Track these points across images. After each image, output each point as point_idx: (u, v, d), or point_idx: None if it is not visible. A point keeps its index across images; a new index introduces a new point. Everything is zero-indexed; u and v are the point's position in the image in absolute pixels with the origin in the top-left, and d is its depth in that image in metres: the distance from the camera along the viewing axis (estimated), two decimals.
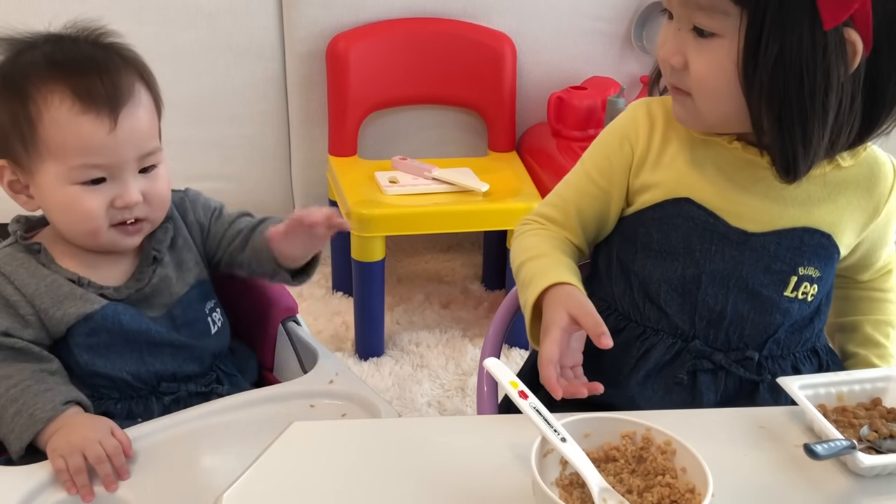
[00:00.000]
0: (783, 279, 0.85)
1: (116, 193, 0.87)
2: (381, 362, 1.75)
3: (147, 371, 0.92)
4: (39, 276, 0.89)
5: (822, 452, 0.66)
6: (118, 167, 0.86)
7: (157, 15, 1.81)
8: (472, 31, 1.88)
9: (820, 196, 0.85)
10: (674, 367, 0.86)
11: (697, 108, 0.82)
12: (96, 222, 0.87)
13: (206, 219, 1.00)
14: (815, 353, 0.90)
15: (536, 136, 1.94)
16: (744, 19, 0.75)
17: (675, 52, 0.81)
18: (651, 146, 0.89)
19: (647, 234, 0.88)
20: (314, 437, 0.72)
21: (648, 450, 0.66)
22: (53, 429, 0.82)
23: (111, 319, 0.90)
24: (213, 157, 1.97)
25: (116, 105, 0.85)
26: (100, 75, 0.85)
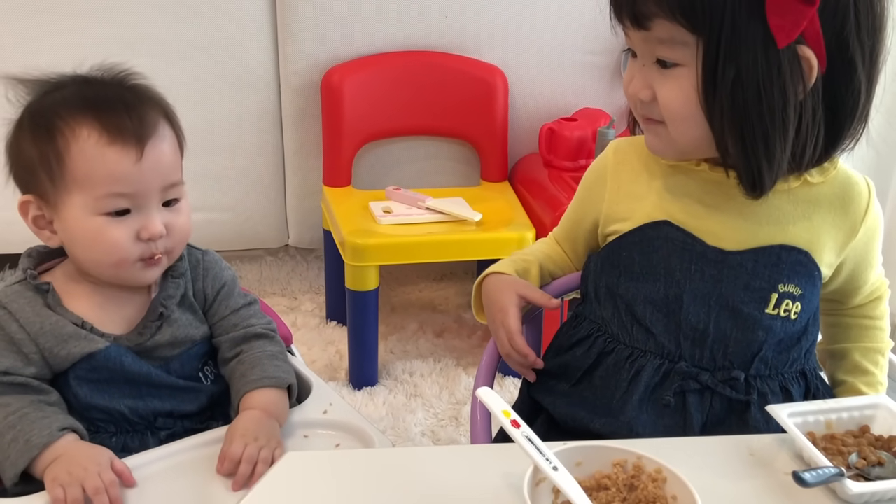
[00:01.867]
0: (763, 296, 0.87)
1: (141, 224, 0.88)
2: (375, 392, 1.75)
3: (145, 407, 0.93)
4: (44, 315, 0.90)
5: (810, 480, 0.67)
6: (143, 197, 0.88)
7: (153, 48, 1.84)
8: (464, 64, 1.91)
9: (794, 214, 0.88)
10: (662, 390, 0.87)
11: (670, 136, 0.85)
12: (122, 253, 0.88)
13: (212, 292, 0.99)
14: (804, 376, 0.90)
15: (528, 167, 1.97)
16: (700, 46, 0.79)
17: (642, 87, 0.84)
18: (620, 181, 0.95)
19: (629, 257, 0.91)
20: (308, 468, 0.73)
21: (639, 478, 0.66)
22: (51, 456, 0.82)
23: (114, 360, 0.91)
24: (208, 187, 1.99)
25: (142, 137, 0.87)
26: (127, 111, 0.88)
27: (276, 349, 0.99)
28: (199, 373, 0.98)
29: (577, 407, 0.89)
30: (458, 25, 1.90)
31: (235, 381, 0.96)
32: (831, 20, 0.78)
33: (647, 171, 0.93)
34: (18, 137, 0.90)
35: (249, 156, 1.99)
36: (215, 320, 1.00)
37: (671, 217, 0.89)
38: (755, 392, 0.87)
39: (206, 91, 1.90)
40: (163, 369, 0.94)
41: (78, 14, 1.79)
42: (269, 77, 1.92)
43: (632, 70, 0.86)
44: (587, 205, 0.99)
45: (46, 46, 1.77)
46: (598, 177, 0.98)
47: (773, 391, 0.87)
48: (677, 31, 0.79)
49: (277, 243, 2.14)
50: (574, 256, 1.03)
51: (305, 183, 2.00)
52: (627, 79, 0.86)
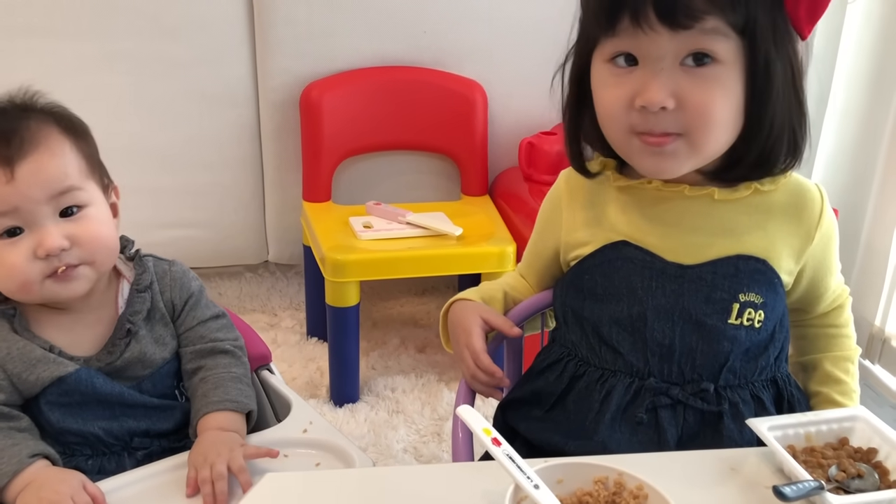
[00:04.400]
0: (725, 307, 0.87)
1: (36, 242, 0.85)
2: (357, 408, 1.74)
3: (120, 428, 0.91)
4: (11, 340, 0.88)
5: (790, 494, 0.67)
6: (29, 212, 0.84)
7: (131, 65, 1.83)
8: (443, 79, 1.92)
9: (748, 224, 0.88)
10: (634, 407, 0.87)
11: (693, 146, 0.82)
12: (24, 276, 0.85)
13: (180, 302, 0.98)
14: (774, 383, 0.91)
15: (508, 181, 1.97)
16: (745, 42, 0.79)
17: (666, 95, 0.79)
18: (575, 210, 0.95)
19: (591, 280, 0.91)
20: (287, 489, 0.72)
21: (621, 494, 0.66)
22: (21, 483, 0.81)
23: (85, 382, 0.89)
24: (187, 204, 1.98)
25: (10, 158, 0.84)
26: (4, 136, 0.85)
27: (240, 371, 0.98)
28: (174, 390, 0.97)
29: (551, 432, 0.89)
30: (436, 40, 1.91)
31: (197, 400, 0.95)
32: None
33: (600, 197, 0.93)
34: None
35: (228, 172, 1.98)
36: (181, 331, 0.98)
37: (629, 237, 0.90)
38: (726, 402, 0.87)
39: (185, 107, 1.89)
40: (135, 389, 0.93)
41: (56, 33, 1.78)
42: (248, 93, 1.91)
43: (631, 82, 0.81)
44: (546, 236, 0.99)
45: (25, 66, 1.76)
46: (553, 207, 0.99)
47: (744, 400, 0.88)
48: (721, 25, 0.78)
49: (257, 259, 2.12)
50: (539, 288, 1.03)
51: (285, 198, 1.99)
52: (621, 94, 0.81)
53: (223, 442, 0.88)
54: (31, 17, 1.77)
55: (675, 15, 0.77)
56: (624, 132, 0.84)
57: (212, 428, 0.90)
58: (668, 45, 0.79)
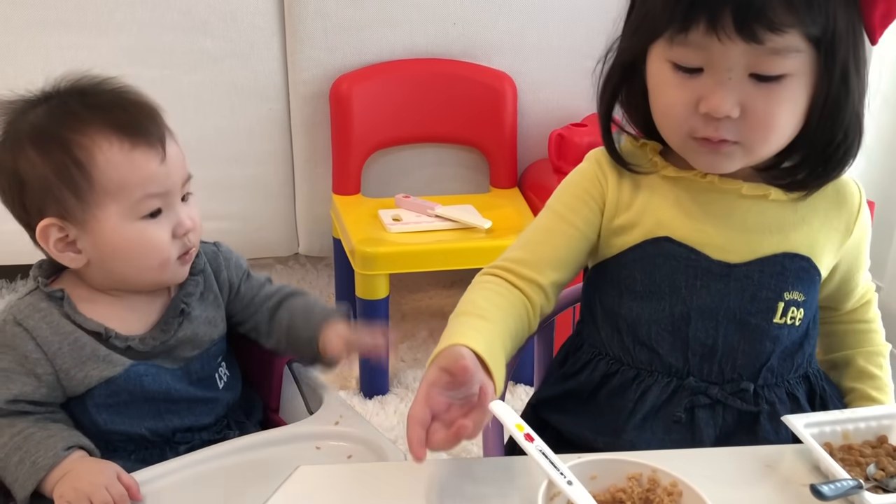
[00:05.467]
0: (770, 306, 0.86)
1: (175, 222, 0.89)
2: (386, 400, 1.74)
3: (165, 426, 0.92)
4: (63, 332, 0.88)
5: (828, 493, 0.66)
6: (171, 195, 0.88)
7: (163, 59, 1.85)
8: (472, 71, 1.91)
9: (794, 220, 0.86)
10: (671, 406, 0.86)
11: (748, 153, 0.81)
12: (165, 253, 0.89)
13: (237, 279, 1.00)
14: (807, 379, 0.89)
15: (538, 173, 1.96)
16: (819, 54, 0.77)
17: (732, 105, 0.77)
18: (621, 189, 0.89)
19: (629, 276, 0.88)
20: (320, 481, 0.72)
21: (655, 491, 0.66)
22: (58, 475, 0.82)
23: (133, 382, 0.90)
24: (218, 197, 1.99)
25: (161, 135, 0.88)
26: (136, 110, 0.88)
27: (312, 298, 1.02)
28: (215, 374, 0.98)
29: (581, 426, 0.88)
30: (466, 32, 1.90)
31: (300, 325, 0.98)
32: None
33: (644, 184, 0.88)
34: (17, 160, 0.86)
35: (259, 165, 1.99)
36: (246, 302, 1.00)
37: (672, 233, 0.86)
38: (763, 402, 0.86)
39: (216, 101, 1.91)
40: (183, 371, 0.94)
41: (88, 27, 1.81)
42: (279, 86, 1.92)
43: (696, 88, 0.78)
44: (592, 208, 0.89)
45: (58, 60, 1.78)
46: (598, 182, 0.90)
47: (780, 399, 0.86)
48: (796, 41, 0.75)
49: (287, 252, 2.14)
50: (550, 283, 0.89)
51: (315, 191, 2.00)
52: (685, 98, 0.79)
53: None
54: (64, 12, 1.79)
55: (754, 27, 0.74)
56: (682, 134, 0.82)
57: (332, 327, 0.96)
58: (741, 58, 0.76)
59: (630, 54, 0.84)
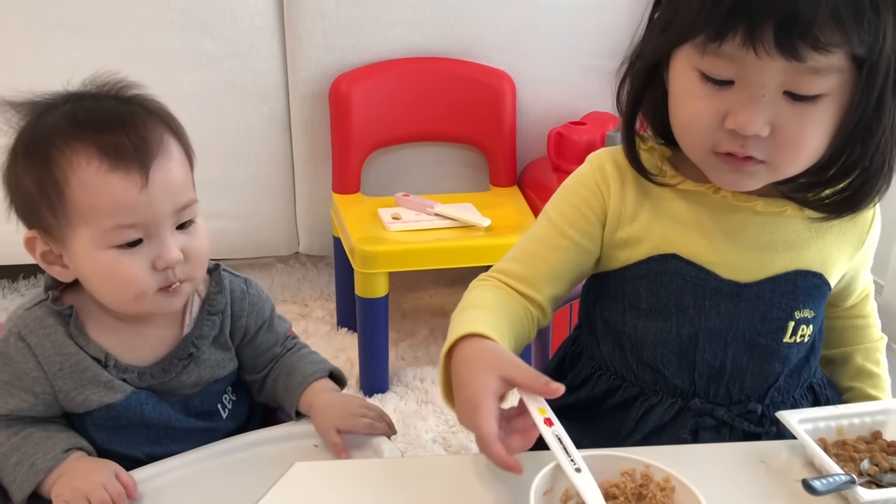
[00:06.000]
0: (781, 326, 0.83)
1: (156, 254, 0.81)
2: (386, 398, 1.75)
3: (163, 451, 0.90)
4: (65, 353, 0.85)
5: (820, 488, 0.66)
6: (154, 225, 0.81)
7: (162, 59, 1.85)
8: (471, 70, 1.91)
9: (808, 236, 0.83)
10: (675, 427, 0.84)
11: (774, 172, 0.76)
12: (140, 287, 0.82)
13: (254, 327, 0.95)
14: (811, 389, 0.89)
15: (537, 171, 1.96)
16: (860, 74, 0.70)
17: (763, 124, 0.72)
18: (625, 200, 0.84)
19: (634, 292, 0.84)
20: (316, 478, 0.73)
21: (648, 487, 0.66)
22: (56, 476, 0.82)
23: (133, 409, 0.87)
24: (219, 196, 2.00)
25: (146, 160, 0.80)
26: (125, 130, 0.80)
27: (303, 351, 0.99)
28: (217, 405, 0.95)
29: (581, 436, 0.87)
30: (465, 31, 1.90)
31: (281, 397, 0.95)
32: None
33: (650, 197, 0.84)
34: (14, 168, 0.83)
35: (259, 164, 1.99)
36: (253, 353, 0.96)
37: (680, 250, 0.82)
38: (769, 422, 0.84)
39: (216, 101, 1.91)
40: (181, 405, 0.91)
41: (88, 28, 1.81)
42: (278, 86, 1.93)
43: (725, 101, 0.73)
44: (589, 219, 0.85)
45: (58, 60, 1.79)
46: (598, 189, 0.86)
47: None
48: (840, 61, 0.69)
49: (288, 251, 2.14)
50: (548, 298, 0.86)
51: (315, 190, 2.01)
52: (712, 110, 0.73)
53: (347, 399, 0.91)
54: (64, 13, 1.79)
55: (797, 44, 0.67)
56: (705, 149, 0.77)
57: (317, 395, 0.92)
58: (777, 75, 0.70)
59: (655, 56, 0.78)
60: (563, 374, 0.93)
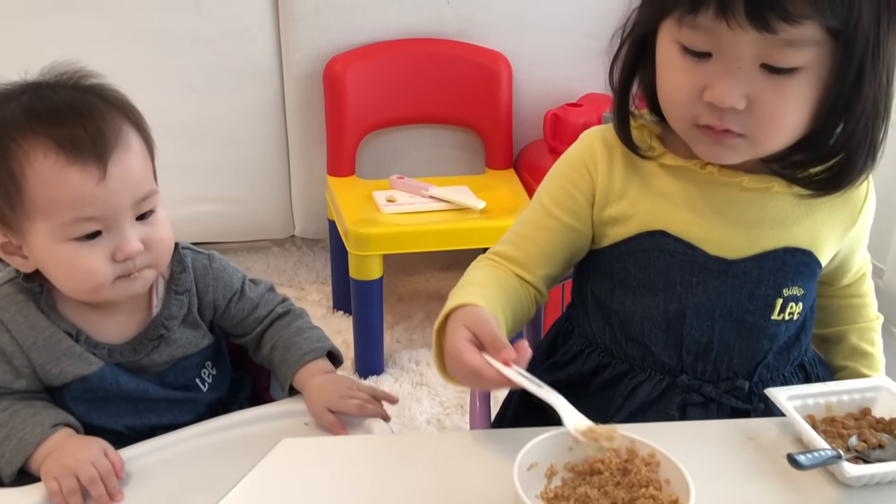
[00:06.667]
0: (769, 303, 0.83)
1: (115, 245, 0.82)
2: (381, 380, 1.75)
3: (142, 424, 0.91)
4: (38, 327, 0.86)
5: (805, 462, 0.66)
6: (113, 218, 0.81)
7: (157, 40, 1.84)
8: (467, 51, 1.90)
9: (797, 214, 0.83)
10: (662, 403, 0.84)
11: (754, 146, 0.77)
12: (98, 278, 0.82)
13: (223, 300, 0.95)
14: (802, 368, 0.89)
15: (533, 154, 1.95)
16: (838, 48, 0.71)
17: (739, 96, 0.72)
18: (613, 177, 0.85)
19: (622, 269, 0.85)
20: (303, 454, 0.73)
21: (633, 462, 0.66)
22: (44, 452, 0.82)
23: (109, 380, 0.88)
24: (213, 179, 1.99)
25: (103, 153, 0.79)
26: (82, 122, 0.80)
27: (301, 323, 0.98)
28: (195, 380, 0.95)
29: None
30: (460, 12, 1.89)
31: (277, 368, 0.96)
32: None
33: (639, 173, 0.84)
34: None
35: (254, 147, 1.99)
36: (233, 323, 0.97)
37: (668, 227, 0.83)
38: (757, 399, 0.84)
39: (210, 83, 1.90)
40: (157, 381, 0.92)
41: (81, 9, 1.80)
42: (273, 67, 1.92)
43: (703, 74, 0.74)
44: (577, 200, 0.86)
45: (51, 42, 1.78)
46: (586, 169, 0.86)
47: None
48: (814, 32, 0.70)
49: (283, 234, 2.14)
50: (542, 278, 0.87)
51: (310, 173, 2.00)
52: (691, 83, 0.74)
53: (340, 381, 0.90)
54: None
55: (767, 16, 0.68)
56: (686, 121, 0.78)
57: (312, 376, 0.91)
58: (751, 48, 0.71)
59: (642, 28, 0.80)
60: (555, 351, 0.93)
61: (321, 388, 0.90)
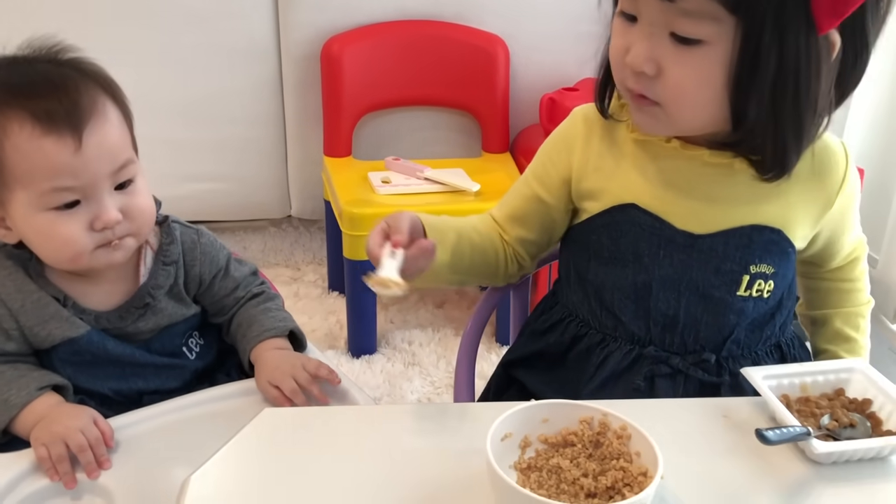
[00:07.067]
0: (735, 279, 0.84)
1: (94, 215, 0.83)
2: (374, 360, 1.77)
3: (129, 388, 0.93)
4: (26, 291, 0.87)
5: (773, 438, 0.67)
6: (91, 187, 0.83)
7: (155, 18, 1.85)
8: (464, 34, 1.91)
9: (766, 192, 0.83)
10: (631, 374, 0.86)
11: (670, 118, 0.79)
12: (77, 247, 0.84)
13: (209, 275, 0.97)
14: (778, 348, 0.90)
15: (530, 138, 1.96)
16: (739, 26, 0.73)
17: (646, 59, 0.76)
18: (589, 153, 0.88)
19: (597, 241, 0.88)
20: (284, 423, 0.74)
21: (605, 435, 0.67)
22: (31, 416, 0.84)
23: (97, 344, 0.90)
24: (210, 158, 2.00)
25: (78, 123, 0.81)
26: (58, 95, 0.81)
27: (270, 304, 1.00)
28: (182, 348, 0.97)
29: (546, 386, 0.89)
30: None
31: (239, 343, 0.97)
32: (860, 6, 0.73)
33: (616, 147, 0.87)
34: None
35: (251, 125, 2.00)
36: (214, 300, 0.98)
37: (638, 200, 0.85)
38: (727, 373, 0.86)
39: (208, 61, 1.91)
40: (143, 348, 0.93)
41: None
42: (270, 47, 1.92)
43: (629, 37, 0.77)
44: (545, 176, 0.91)
45: (50, 18, 1.78)
46: (563, 146, 0.91)
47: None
48: (710, 6, 0.72)
49: (280, 213, 2.15)
50: (516, 238, 0.94)
51: (307, 153, 2.01)
52: (621, 45, 0.78)
53: (286, 357, 0.92)
54: None
55: None
56: (620, 83, 0.82)
57: (265, 351, 0.93)
58: (660, 15, 0.75)
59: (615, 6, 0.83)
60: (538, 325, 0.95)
61: (269, 363, 0.92)
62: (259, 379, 0.92)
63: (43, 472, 0.81)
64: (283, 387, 0.89)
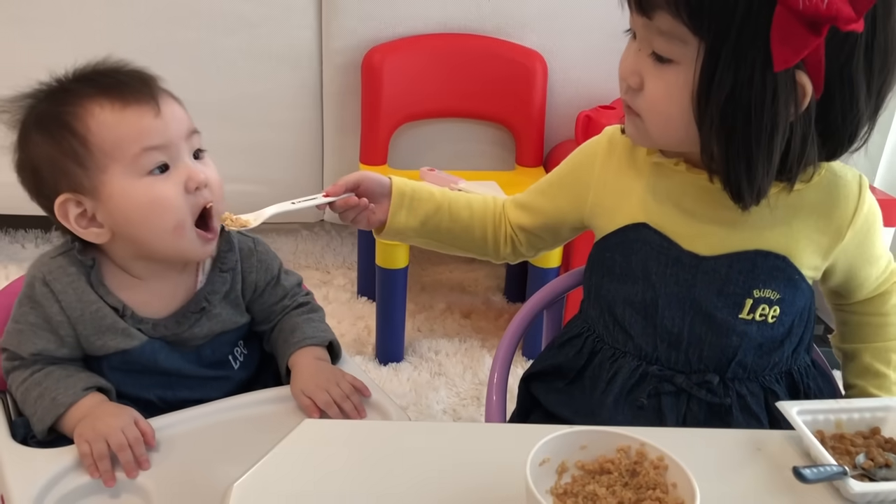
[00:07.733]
0: (737, 301, 0.86)
1: (186, 175, 0.88)
2: (400, 368, 1.78)
3: (174, 397, 0.95)
4: (86, 301, 0.90)
5: (810, 476, 0.68)
6: (174, 147, 0.88)
7: (202, 21, 1.88)
8: (504, 48, 1.92)
9: (771, 219, 0.85)
10: (637, 391, 0.87)
11: (647, 130, 0.83)
12: (179, 212, 0.88)
13: (263, 283, 1.01)
14: (789, 375, 0.89)
15: (564, 153, 1.94)
16: (701, 50, 0.75)
17: (633, 72, 0.81)
18: (608, 170, 0.92)
19: (611, 258, 0.91)
20: (323, 435, 0.75)
21: (642, 464, 0.68)
22: (77, 415, 0.86)
23: (148, 356, 0.93)
24: (248, 160, 2.03)
25: (153, 95, 0.88)
26: (129, 78, 0.89)
27: (312, 315, 1.02)
28: (228, 356, 1.00)
29: (564, 405, 0.91)
30: (499, 8, 1.90)
31: (278, 349, 1.00)
32: (837, 52, 0.74)
33: (634, 168, 0.90)
34: (27, 149, 0.89)
35: (290, 131, 2.02)
36: (262, 307, 1.01)
37: (650, 220, 0.88)
38: (732, 394, 0.86)
39: (250, 66, 1.94)
40: (194, 355, 0.96)
41: None
42: (312, 54, 1.94)
43: (628, 51, 0.83)
44: (569, 187, 0.96)
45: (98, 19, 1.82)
46: (586, 161, 0.95)
47: (752, 392, 0.87)
48: (678, 28, 0.76)
49: (313, 218, 2.18)
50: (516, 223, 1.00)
51: (343, 160, 2.03)
52: (622, 58, 0.83)
53: (323, 370, 0.94)
54: None
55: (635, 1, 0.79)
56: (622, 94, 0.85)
57: (303, 358, 0.96)
58: (643, 31, 0.79)
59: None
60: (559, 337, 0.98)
61: (305, 372, 0.95)
62: (294, 386, 0.94)
63: (84, 468, 0.83)
64: (316, 399, 0.91)
